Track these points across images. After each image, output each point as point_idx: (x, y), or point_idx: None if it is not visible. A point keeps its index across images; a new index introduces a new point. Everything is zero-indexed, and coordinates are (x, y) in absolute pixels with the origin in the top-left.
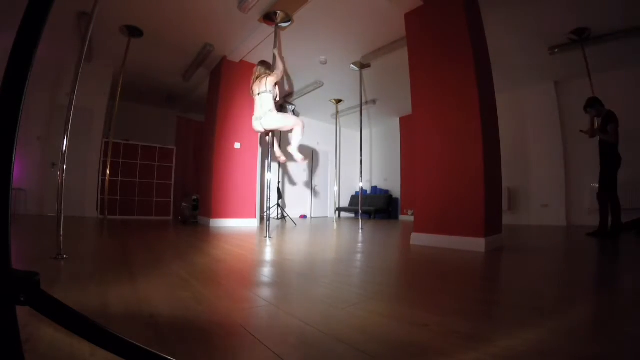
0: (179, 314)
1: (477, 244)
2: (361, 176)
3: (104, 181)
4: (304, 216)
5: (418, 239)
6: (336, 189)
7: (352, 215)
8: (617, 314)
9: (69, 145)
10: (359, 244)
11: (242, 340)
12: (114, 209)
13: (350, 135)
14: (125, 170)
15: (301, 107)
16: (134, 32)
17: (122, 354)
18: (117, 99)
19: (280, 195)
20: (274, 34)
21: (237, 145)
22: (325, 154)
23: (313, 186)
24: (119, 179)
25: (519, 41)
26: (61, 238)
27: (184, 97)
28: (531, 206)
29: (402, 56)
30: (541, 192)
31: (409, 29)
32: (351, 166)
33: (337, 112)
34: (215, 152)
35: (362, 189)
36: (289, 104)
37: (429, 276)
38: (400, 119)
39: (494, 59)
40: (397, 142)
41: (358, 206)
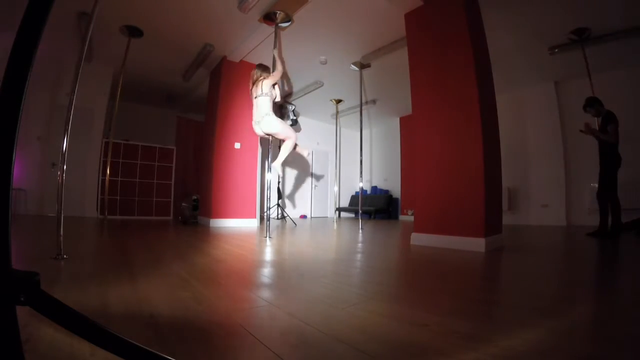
0: (179, 314)
1: (477, 244)
2: (361, 176)
3: (104, 181)
4: (304, 216)
5: (418, 239)
6: (336, 189)
7: (352, 215)
8: (617, 314)
9: (69, 145)
10: (359, 244)
11: (242, 340)
12: (114, 209)
13: (350, 135)
14: (125, 170)
15: (301, 107)
16: (134, 32)
17: (122, 354)
18: (117, 99)
19: (280, 195)
20: (274, 34)
21: (237, 145)
22: (325, 154)
23: (313, 185)
24: (119, 179)
25: (519, 41)
26: (61, 238)
27: (184, 97)
28: (531, 206)
29: (402, 56)
30: (541, 192)
31: (409, 29)
32: (351, 166)
33: (337, 112)
34: (215, 152)
35: (362, 189)
36: (289, 103)
37: (429, 276)
38: (400, 119)
39: (494, 59)
40: (397, 142)
41: (358, 206)
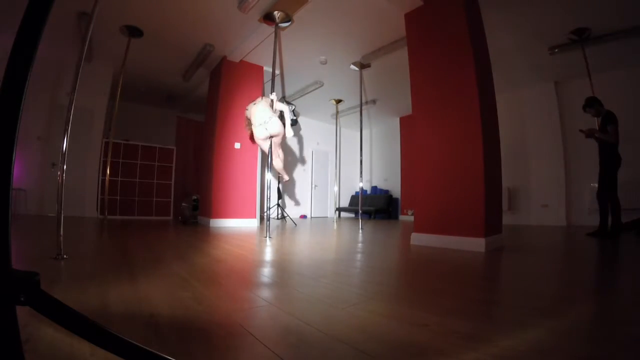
0: (179, 313)
1: (477, 244)
2: (361, 176)
3: (104, 181)
4: (304, 216)
5: (418, 239)
6: (336, 189)
7: (352, 215)
8: (617, 314)
9: (69, 145)
10: (359, 244)
11: (242, 340)
12: (114, 209)
13: (350, 135)
14: (125, 170)
15: (301, 107)
16: (134, 32)
17: (122, 354)
18: (117, 99)
19: (280, 195)
20: (274, 34)
21: (237, 145)
22: (325, 154)
23: (313, 186)
24: (119, 179)
25: (519, 41)
26: (61, 238)
27: (184, 97)
28: (531, 206)
29: (402, 56)
30: (541, 192)
31: (408, 29)
32: (351, 166)
33: (337, 112)
34: (215, 152)
35: (362, 189)
36: (289, 103)
37: (429, 276)
38: (400, 119)
39: (494, 59)
40: (397, 142)
41: (358, 206)
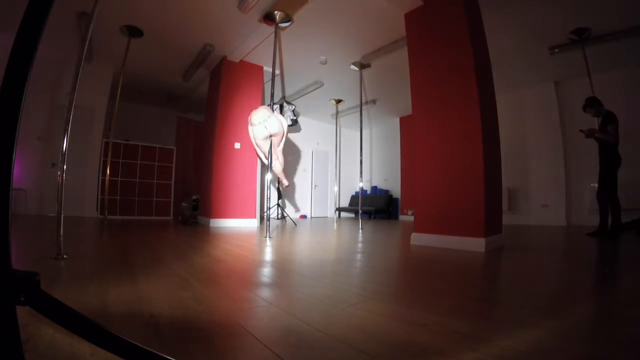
0: (179, 314)
1: (477, 244)
2: (361, 176)
3: (104, 181)
4: (304, 216)
5: (418, 239)
6: (336, 189)
7: (352, 215)
8: (617, 314)
9: (69, 145)
10: (359, 244)
11: (242, 340)
12: (114, 209)
13: (350, 135)
14: (125, 170)
15: (301, 107)
16: (134, 32)
17: (122, 354)
18: (117, 99)
19: (280, 195)
20: (274, 34)
21: (237, 145)
22: (325, 154)
23: (313, 186)
24: (119, 179)
25: (519, 41)
26: (61, 238)
27: (184, 97)
28: (531, 206)
29: (402, 56)
30: (541, 192)
31: (409, 29)
32: (351, 166)
33: (337, 112)
34: (215, 152)
35: (362, 189)
36: (289, 103)
37: (429, 276)
38: (400, 119)
39: (494, 59)
40: (397, 142)
41: (358, 206)
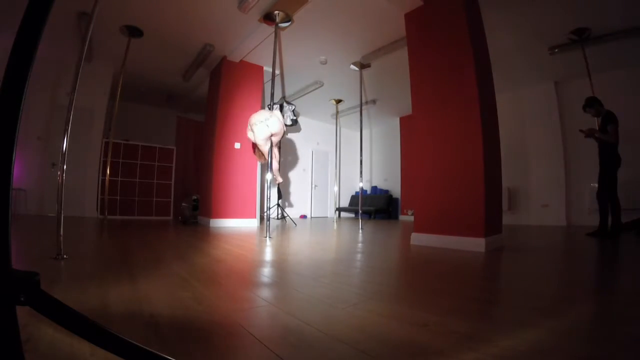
0: (179, 313)
1: (477, 244)
2: (361, 176)
3: (104, 181)
4: (304, 216)
5: (418, 239)
6: (336, 189)
7: (352, 215)
8: (617, 314)
9: (69, 145)
10: (359, 244)
11: (242, 340)
12: (114, 209)
13: (350, 135)
14: (125, 170)
15: (301, 107)
16: (134, 32)
17: (122, 354)
18: (117, 99)
19: (280, 195)
20: (274, 34)
21: (237, 145)
22: (325, 154)
23: (313, 186)
24: (119, 179)
25: (519, 41)
26: (61, 238)
27: (184, 97)
28: (531, 206)
29: (402, 56)
30: (541, 192)
31: (408, 29)
32: (351, 166)
33: (337, 112)
34: (215, 152)
35: (362, 189)
36: (289, 103)
37: (429, 276)
38: (400, 119)
39: (494, 59)
40: (397, 142)
41: (358, 206)
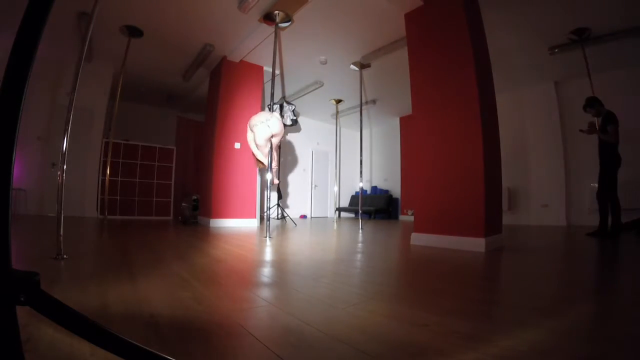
0: (179, 314)
1: (477, 244)
2: (361, 176)
3: (104, 181)
4: (304, 216)
5: (418, 239)
6: (336, 189)
7: (352, 215)
8: (617, 314)
9: (69, 145)
10: (359, 244)
11: (242, 340)
12: (114, 209)
13: (350, 135)
14: (125, 170)
15: (301, 107)
16: (134, 32)
17: (122, 354)
18: (117, 99)
19: (280, 195)
20: (274, 34)
21: (237, 145)
22: (325, 154)
23: (313, 186)
24: (119, 179)
25: (519, 41)
26: (61, 238)
27: (184, 97)
28: (531, 206)
29: (402, 56)
30: (541, 192)
31: (408, 29)
32: (351, 166)
33: (337, 112)
34: (215, 152)
35: (362, 189)
36: (289, 103)
37: (429, 276)
38: (400, 119)
39: (494, 59)
40: (397, 142)
41: (358, 206)
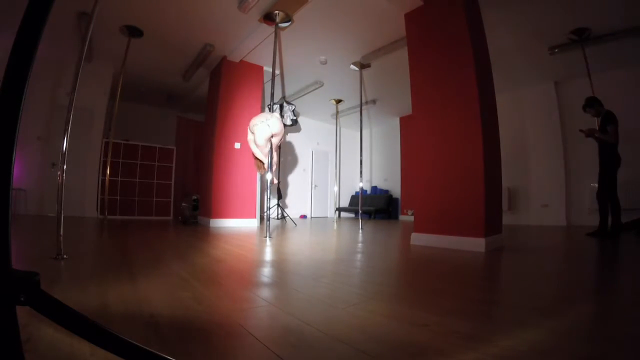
0: (179, 314)
1: (477, 244)
2: (361, 176)
3: (104, 181)
4: (304, 216)
5: (418, 239)
6: (336, 189)
7: (352, 215)
8: (617, 314)
9: (69, 145)
10: (359, 244)
11: (242, 340)
12: (114, 209)
13: (350, 135)
14: (125, 170)
15: (301, 107)
16: (134, 32)
17: (122, 354)
18: (117, 99)
19: (280, 195)
20: (274, 34)
21: (237, 145)
22: (325, 154)
23: (313, 186)
24: (119, 179)
25: (519, 41)
26: (61, 238)
27: (184, 97)
28: (531, 206)
29: (402, 56)
30: (541, 192)
31: (408, 29)
32: (351, 166)
33: (337, 112)
34: (215, 152)
35: (362, 189)
36: (289, 103)
37: (429, 276)
38: (400, 119)
39: (494, 59)
40: (397, 142)
41: (358, 206)
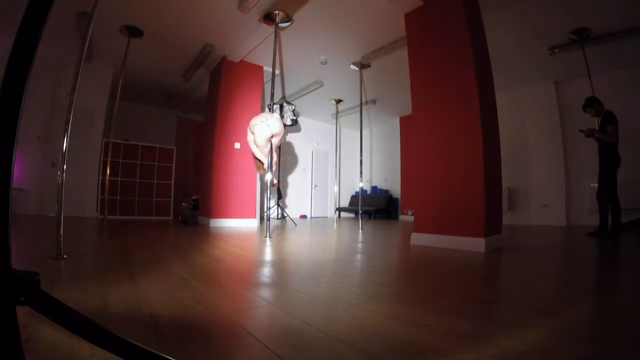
0: (179, 314)
1: (477, 244)
2: (361, 176)
3: (104, 181)
4: (304, 216)
5: (418, 239)
6: (336, 189)
7: (352, 215)
8: (617, 314)
9: (69, 145)
10: (359, 244)
11: (242, 340)
12: (114, 209)
13: (350, 135)
14: (125, 170)
15: (301, 107)
16: (134, 32)
17: (122, 354)
18: (117, 99)
19: (280, 195)
20: (274, 34)
21: (237, 145)
22: (325, 154)
23: (313, 186)
24: (119, 179)
25: (519, 41)
26: (61, 238)
27: (184, 97)
28: (531, 206)
29: (402, 56)
30: (541, 192)
31: (408, 29)
32: (351, 166)
33: (337, 112)
34: (215, 152)
35: (362, 189)
36: (289, 103)
37: (429, 276)
38: (400, 119)
39: (494, 59)
40: (397, 142)
41: (358, 206)
